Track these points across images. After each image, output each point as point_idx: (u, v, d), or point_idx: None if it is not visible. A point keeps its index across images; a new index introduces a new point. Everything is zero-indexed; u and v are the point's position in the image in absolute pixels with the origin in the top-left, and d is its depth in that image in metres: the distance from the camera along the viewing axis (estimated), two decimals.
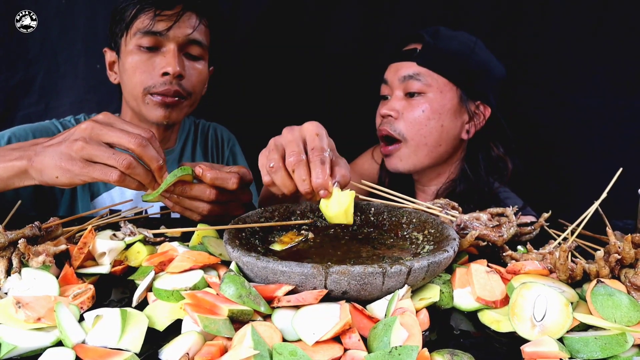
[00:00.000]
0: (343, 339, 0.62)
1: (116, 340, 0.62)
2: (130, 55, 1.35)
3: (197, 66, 1.41)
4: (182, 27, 1.34)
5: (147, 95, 1.35)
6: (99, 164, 0.84)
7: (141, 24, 1.32)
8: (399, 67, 1.45)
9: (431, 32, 1.44)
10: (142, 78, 1.34)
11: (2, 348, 0.60)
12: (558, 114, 1.67)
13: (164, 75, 1.33)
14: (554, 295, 0.67)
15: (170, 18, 1.32)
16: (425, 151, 1.45)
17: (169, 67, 1.32)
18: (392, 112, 1.44)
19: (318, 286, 0.68)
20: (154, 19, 1.31)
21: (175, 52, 1.34)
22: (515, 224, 0.95)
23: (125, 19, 1.35)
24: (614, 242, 0.79)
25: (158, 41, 1.33)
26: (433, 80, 1.42)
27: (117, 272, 0.83)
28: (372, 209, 1.00)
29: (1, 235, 0.78)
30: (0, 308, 0.65)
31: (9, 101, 1.64)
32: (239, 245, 0.79)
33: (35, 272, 0.74)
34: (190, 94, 1.40)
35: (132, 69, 1.35)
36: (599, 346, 0.62)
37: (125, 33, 1.35)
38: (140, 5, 1.33)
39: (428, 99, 1.42)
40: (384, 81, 1.50)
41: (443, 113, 1.43)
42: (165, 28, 1.32)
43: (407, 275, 0.69)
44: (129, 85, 1.37)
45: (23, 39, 1.60)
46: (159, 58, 1.34)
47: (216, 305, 0.65)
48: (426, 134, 1.43)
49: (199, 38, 1.38)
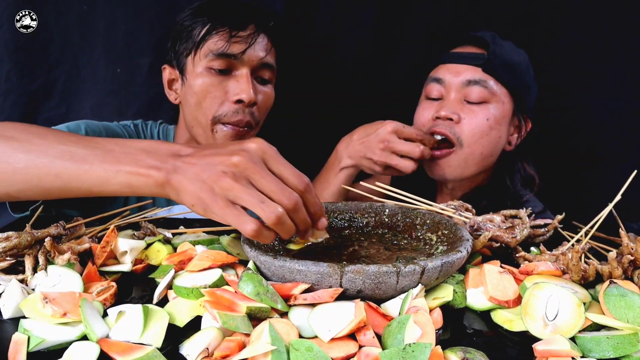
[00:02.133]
0: (358, 336, 0.63)
1: (138, 335, 0.64)
2: (199, 77, 1.27)
3: (266, 90, 1.34)
4: (256, 50, 1.27)
5: (218, 125, 1.28)
6: (240, 208, 0.71)
7: (214, 45, 1.25)
8: (461, 71, 1.37)
9: (490, 37, 1.37)
10: (212, 104, 1.27)
11: (31, 341, 0.62)
12: (574, 116, 1.66)
13: (238, 103, 1.27)
14: (567, 295, 0.68)
15: (245, 40, 1.25)
16: (477, 160, 1.38)
17: (243, 94, 1.25)
18: (453, 115, 1.35)
19: (334, 285, 0.69)
20: (229, 40, 1.24)
21: (249, 77, 1.27)
22: (528, 226, 0.96)
23: (193, 38, 1.28)
24: (626, 243, 0.79)
25: (231, 64, 1.26)
26: (498, 89, 1.35)
27: (138, 270, 0.85)
28: (386, 210, 1.01)
29: (28, 234, 0.80)
30: (29, 303, 0.68)
31: (31, 105, 1.67)
32: (256, 244, 0.80)
33: (60, 269, 0.77)
34: (258, 122, 1.34)
35: (201, 93, 1.27)
36: (611, 346, 0.62)
37: (193, 52, 1.28)
38: (212, 24, 1.25)
39: (491, 107, 1.35)
40: (437, 81, 1.40)
41: (503, 124, 1.38)
42: (240, 51, 1.24)
43: (421, 274, 0.70)
44: (195, 110, 1.30)
45: (44, 44, 1.64)
46: (232, 83, 1.27)
47: (235, 302, 0.67)
48: (485, 144, 1.36)
49: (270, 61, 1.32)
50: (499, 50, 1.34)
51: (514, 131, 1.44)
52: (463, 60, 1.38)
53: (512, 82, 1.36)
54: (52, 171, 0.77)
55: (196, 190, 0.71)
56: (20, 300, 0.70)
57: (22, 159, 0.78)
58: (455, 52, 1.41)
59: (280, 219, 0.70)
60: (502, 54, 1.34)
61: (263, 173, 0.71)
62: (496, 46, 1.34)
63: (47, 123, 1.68)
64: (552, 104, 1.57)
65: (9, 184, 0.80)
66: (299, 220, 0.73)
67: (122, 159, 0.76)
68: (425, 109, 1.42)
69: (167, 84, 1.40)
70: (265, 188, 0.71)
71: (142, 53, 1.67)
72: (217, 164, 0.72)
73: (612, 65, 1.60)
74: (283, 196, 0.71)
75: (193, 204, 0.72)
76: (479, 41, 1.38)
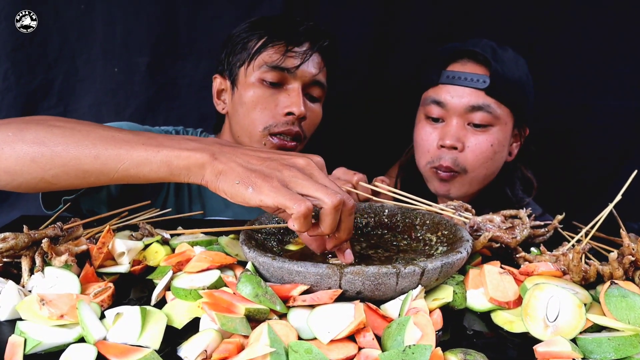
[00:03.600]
0: (357, 338, 0.63)
1: (136, 337, 0.63)
2: (251, 88, 1.29)
3: (315, 108, 1.35)
4: (310, 67, 1.29)
5: (267, 137, 1.28)
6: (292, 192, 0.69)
7: (269, 58, 1.26)
8: (463, 94, 1.32)
9: (488, 49, 1.33)
10: (262, 115, 1.28)
11: (28, 343, 0.62)
12: (574, 115, 1.66)
13: (288, 115, 1.27)
14: (567, 296, 0.67)
15: (299, 55, 1.27)
16: (480, 180, 1.38)
17: (294, 107, 1.26)
18: (458, 143, 1.33)
19: (333, 286, 0.69)
20: (285, 54, 1.25)
21: (300, 92, 1.28)
22: (528, 226, 0.95)
23: (248, 49, 1.29)
24: (627, 244, 0.79)
25: (284, 77, 1.28)
26: (501, 112, 1.33)
27: (136, 271, 0.85)
28: (386, 210, 1.01)
29: (25, 235, 0.80)
30: (25, 305, 0.67)
31: (29, 104, 1.66)
32: (255, 245, 0.80)
33: (57, 270, 0.76)
34: (306, 137, 1.34)
35: (252, 104, 1.28)
36: (613, 347, 0.62)
37: (247, 63, 1.29)
38: (269, 37, 1.28)
39: (494, 131, 1.33)
40: (437, 103, 1.36)
41: (506, 144, 1.37)
42: (294, 65, 1.26)
43: (421, 275, 0.70)
44: (245, 120, 1.30)
45: (42, 44, 1.63)
46: (283, 96, 1.28)
47: (233, 304, 0.67)
48: (489, 166, 1.36)
49: (322, 79, 1.33)
50: (500, 68, 1.31)
51: (513, 141, 1.43)
52: (465, 82, 1.33)
53: (514, 100, 1.34)
54: (92, 152, 0.78)
55: (244, 171, 0.71)
56: (17, 302, 0.69)
57: (62, 142, 0.79)
58: (456, 71, 1.35)
59: (342, 202, 0.69)
60: (504, 73, 1.31)
61: (323, 175, 0.73)
62: (498, 64, 1.31)
63: None
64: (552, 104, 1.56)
65: (46, 167, 0.80)
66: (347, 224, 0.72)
67: (164, 143, 0.78)
68: (428, 133, 1.40)
69: (216, 93, 1.41)
70: (327, 184, 0.71)
71: (140, 52, 1.66)
72: (278, 159, 0.73)
73: (613, 65, 1.60)
74: (343, 194, 0.70)
75: (238, 181, 0.70)
76: (478, 56, 1.34)
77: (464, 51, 1.36)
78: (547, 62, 1.62)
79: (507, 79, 1.32)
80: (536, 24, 1.63)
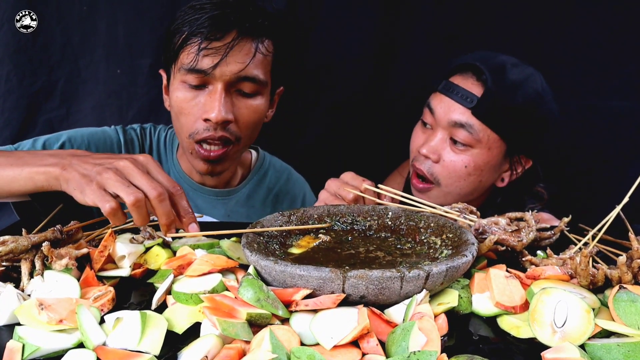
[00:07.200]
0: (361, 344, 0.62)
1: (136, 343, 0.63)
2: (176, 91, 1.21)
3: (251, 103, 1.22)
4: (230, 64, 1.14)
5: (193, 144, 1.21)
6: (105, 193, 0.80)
7: (186, 59, 1.15)
8: (450, 108, 1.31)
9: (495, 69, 1.28)
10: (187, 121, 1.20)
11: (26, 349, 0.61)
12: (582, 117, 1.64)
13: (207, 121, 1.18)
14: (575, 301, 0.66)
15: (217, 52, 1.12)
16: (455, 196, 1.36)
17: (212, 113, 1.15)
18: (432, 155, 1.33)
19: (336, 290, 0.68)
20: (197, 54, 1.12)
21: (221, 94, 1.16)
22: (534, 229, 0.94)
23: (172, 46, 1.19)
24: (636, 247, 0.78)
25: (204, 79, 1.16)
26: (484, 136, 1.29)
27: (137, 275, 0.84)
28: (390, 213, 0.99)
29: (25, 239, 0.79)
30: (24, 309, 0.67)
31: (32, 106, 1.66)
32: (257, 249, 0.79)
33: (57, 274, 0.76)
34: (239, 138, 1.23)
35: (178, 108, 1.21)
36: (622, 354, 0.61)
37: (173, 63, 1.20)
38: (189, 32, 1.14)
39: (473, 153, 1.31)
40: (430, 109, 1.36)
41: (485, 169, 1.34)
42: (210, 65, 1.13)
43: (426, 279, 0.69)
44: (176, 124, 1.26)
45: (45, 46, 1.63)
46: (205, 98, 1.18)
47: (234, 308, 0.66)
48: (462, 186, 1.35)
49: (252, 74, 1.17)
50: (496, 90, 1.26)
51: (507, 169, 1.39)
52: (456, 96, 1.31)
53: (506, 127, 1.29)
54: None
55: (80, 178, 0.83)
56: (16, 307, 0.68)
57: None
58: (454, 83, 1.33)
59: (138, 201, 0.79)
60: (497, 97, 1.26)
61: (141, 174, 0.82)
62: (495, 85, 1.26)
63: (47, 124, 1.67)
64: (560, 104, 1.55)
65: None
66: (161, 211, 0.81)
67: (28, 161, 0.91)
68: (417, 135, 1.42)
69: (164, 89, 1.34)
70: (137, 182, 0.81)
71: (142, 54, 1.66)
72: (105, 164, 0.84)
73: (619, 65, 1.58)
74: (150, 187, 0.81)
75: (75, 188, 0.83)
76: (480, 74, 1.29)
77: (470, 64, 1.33)
78: (552, 63, 1.60)
79: (500, 103, 1.27)
80: (541, 25, 1.62)
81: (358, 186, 1.12)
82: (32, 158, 0.92)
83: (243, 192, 1.46)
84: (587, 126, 1.64)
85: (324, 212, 0.99)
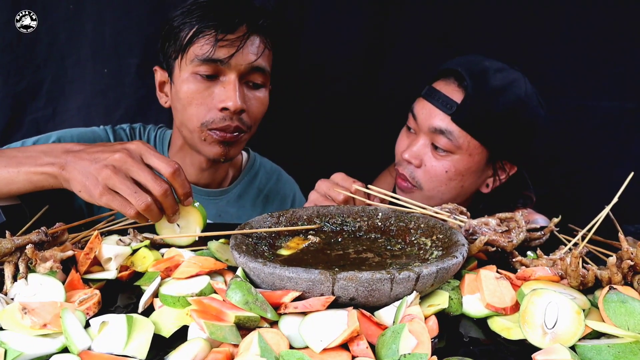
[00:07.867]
0: (351, 346, 0.61)
1: (122, 347, 0.61)
2: (185, 83, 1.21)
3: (258, 95, 1.27)
4: (245, 54, 1.19)
5: (205, 131, 1.23)
6: (120, 196, 0.85)
7: (199, 50, 1.18)
8: (431, 114, 1.31)
9: (476, 75, 1.27)
10: (199, 111, 1.22)
11: (8, 355, 0.59)
12: (571, 117, 1.65)
13: (224, 110, 1.20)
14: (566, 302, 0.66)
15: (232, 44, 1.17)
16: (437, 200, 1.37)
17: (229, 102, 1.18)
18: (414, 160, 1.34)
19: (325, 292, 0.67)
20: (214, 45, 1.16)
21: (236, 84, 1.20)
22: (524, 229, 0.94)
23: (180, 40, 1.21)
24: (626, 248, 0.78)
25: (218, 69, 1.19)
26: (464, 142, 1.29)
27: (124, 277, 0.82)
28: (380, 214, 0.99)
29: (8, 241, 0.77)
30: (7, 314, 0.65)
31: (17, 106, 1.64)
32: (246, 250, 0.78)
33: (41, 277, 0.74)
34: (250, 127, 1.27)
35: (187, 100, 1.22)
36: (613, 355, 0.60)
37: (180, 56, 1.21)
38: (199, 26, 1.18)
39: (454, 159, 1.31)
40: (413, 114, 1.37)
41: (466, 175, 1.34)
42: (227, 55, 1.17)
43: (416, 281, 0.68)
44: (183, 116, 1.25)
45: (31, 44, 1.61)
46: (218, 89, 1.21)
47: (222, 311, 0.65)
48: (444, 191, 1.36)
49: (262, 65, 1.23)
50: (477, 97, 1.25)
51: (491, 175, 1.40)
52: (437, 102, 1.31)
53: (486, 134, 1.29)
54: None
55: (82, 178, 0.86)
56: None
57: None
58: (436, 89, 1.33)
59: (149, 207, 0.84)
60: (477, 103, 1.25)
61: (139, 165, 0.86)
62: (476, 92, 1.25)
63: (33, 124, 1.65)
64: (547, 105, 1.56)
65: None
66: (167, 205, 0.87)
67: (23, 162, 0.92)
68: (402, 139, 1.43)
69: (158, 86, 1.35)
70: (141, 178, 0.85)
71: (130, 53, 1.64)
72: (101, 159, 0.86)
73: (608, 66, 1.59)
74: (155, 184, 0.85)
75: (80, 190, 0.86)
76: (461, 79, 1.29)
77: (453, 70, 1.32)
78: (541, 64, 1.61)
79: (480, 110, 1.26)
80: (531, 26, 1.62)
81: (348, 187, 1.11)
82: (26, 158, 0.93)
83: (234, 192, 1.47)
84: (577, 126, 1.65)
85: (313, 213, 0.99)
